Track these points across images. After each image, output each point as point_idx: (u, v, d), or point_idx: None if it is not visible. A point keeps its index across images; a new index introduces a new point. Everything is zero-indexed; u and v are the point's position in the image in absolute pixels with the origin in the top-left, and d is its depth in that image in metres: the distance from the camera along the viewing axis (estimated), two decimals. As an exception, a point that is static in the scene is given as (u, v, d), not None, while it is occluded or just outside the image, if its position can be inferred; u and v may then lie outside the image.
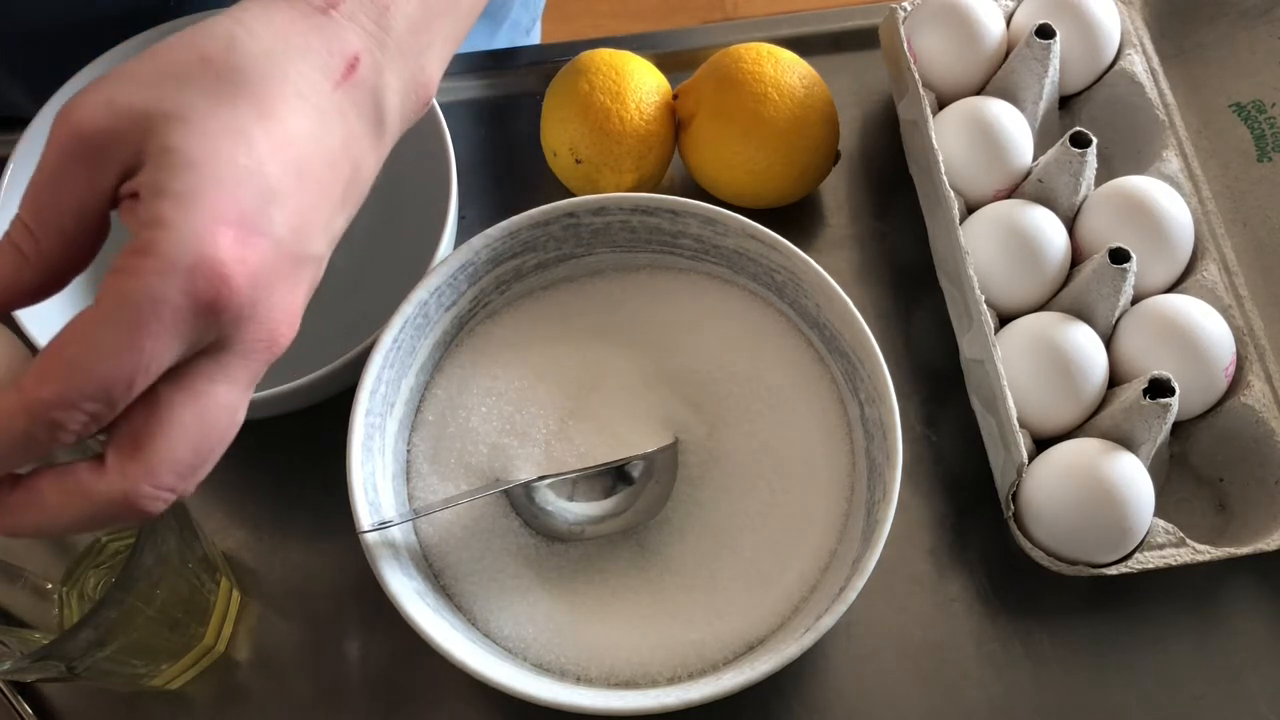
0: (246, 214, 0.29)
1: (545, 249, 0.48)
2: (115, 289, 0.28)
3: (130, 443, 0.29)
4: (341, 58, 0.32)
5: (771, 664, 0.39)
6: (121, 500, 0.29)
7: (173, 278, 0.28)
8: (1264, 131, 0.56)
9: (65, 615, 0.46)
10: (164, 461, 0.29)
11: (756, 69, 0.53)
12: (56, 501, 0.29)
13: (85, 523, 0.29)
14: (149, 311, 0.27)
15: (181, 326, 0.28)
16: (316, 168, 0.31)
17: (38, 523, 0.29)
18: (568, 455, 0.46)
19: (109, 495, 0.29)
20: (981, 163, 0.52)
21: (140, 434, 0.29)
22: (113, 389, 0.28)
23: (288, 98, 0.31)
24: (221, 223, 0.28)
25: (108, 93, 0.29)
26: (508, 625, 0.44)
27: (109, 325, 0.27)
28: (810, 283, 0.46)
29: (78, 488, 0.29)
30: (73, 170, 0.29)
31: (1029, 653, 0.48)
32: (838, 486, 0.46)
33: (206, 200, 0.28)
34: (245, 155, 0.29)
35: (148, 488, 0.29)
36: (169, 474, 0.29)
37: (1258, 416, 0.48)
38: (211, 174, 0.29)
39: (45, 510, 0.29)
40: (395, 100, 0.34)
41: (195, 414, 0.29)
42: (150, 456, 0.29)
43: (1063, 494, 0.45)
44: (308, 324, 0.56)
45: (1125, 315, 0.50)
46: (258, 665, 0.48)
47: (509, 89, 0.61)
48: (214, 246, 0.28)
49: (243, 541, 0.50)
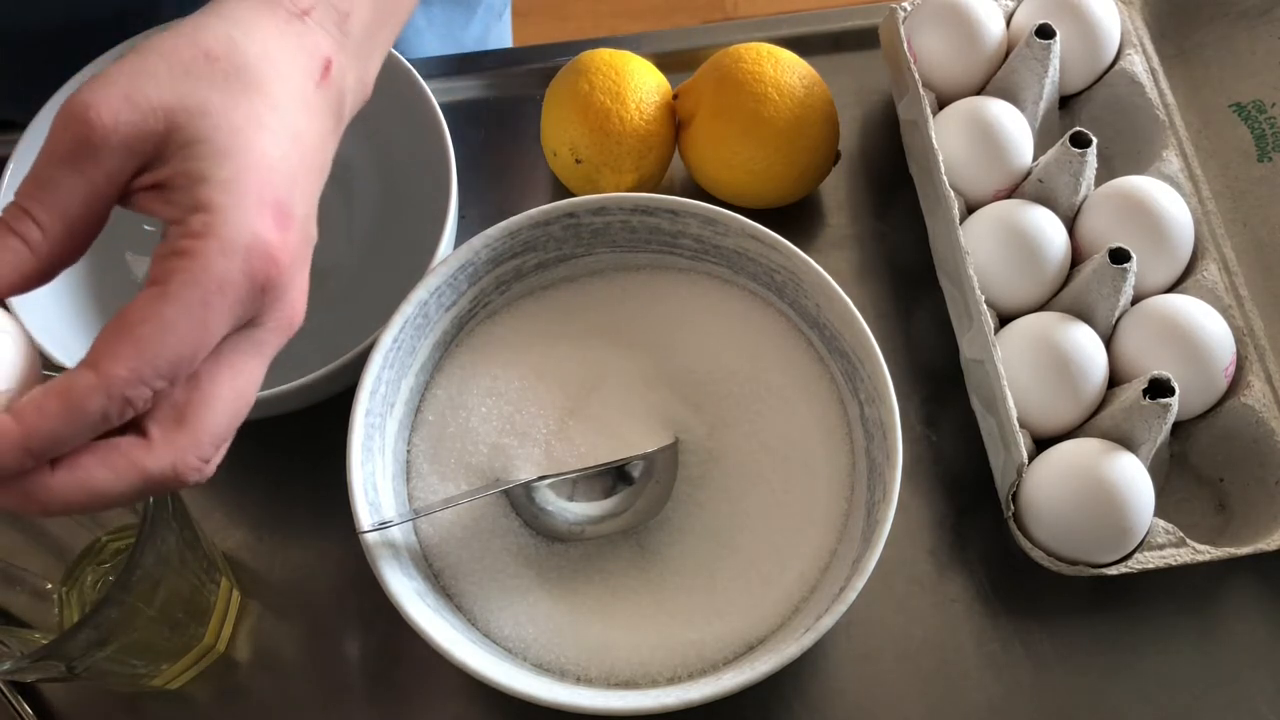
0: (281, 198, 0.31)
1: (545, 249, 0.48)
2: (181, 269, 0.29)
3: (175, 415, 0.30)
4: (319, 60, 0.34)
5: (771, 664, 0.39)
6: (170, 472, 0.30)
7: (234, 258, 0.29)
8: (1264, 131, 0.56)
9: (65, 615, 0.46)
10: (208, 433, 0.30)
11: (756, 69, 0.53)
12: (105, 478, 0.29)
13: (132, 496, 0.30)
14: (215, 290, 0.29)
15: (240, 306, 0.30)
16: (313, 159, 0.33)
17: (87, 501, 0.29)
18: (568, 455, 0.46)
19: (159, 468, 0.30)
20: (981, 163, 0.52)
21: (185, 407, 0.30)
22: (180, 365, 0.29)
23: (289, 94, 0.32)
24: (265, 205, 0.30)
25: (124, 89, 0.30)
26: (508, 625, 0.44)
27: (178, 304, 0.29)
28: (810, 283, 0.46)
29: (127, 463, 0.29)
30: (88, 163, 0.30)
31: (1029, 653, 0.48)
32: (838, 486, 0.46)
33: (250, 185, 0.30)
34: (272, 144, 0.31)
35: (194, 459, 0.30)
36: (211, 445, 0.31)
37: (1258, 416, 0.48)
38: (247, 162, 0.30)
39: (94, 488, 0.29)
40: (350, 100, 0.36)
41: (233, 388, 0.31)
42: (196, 428, 0.30)
43: (1063, 494, 0.45)
44: (308, 324, 0.56)
45: (1125, 315, 0.50)
46: (258, 665, 0.48)
47: (509, 89, 0.61)
48: (265, 228, 0.30)
49: (243, 541, 0.50)
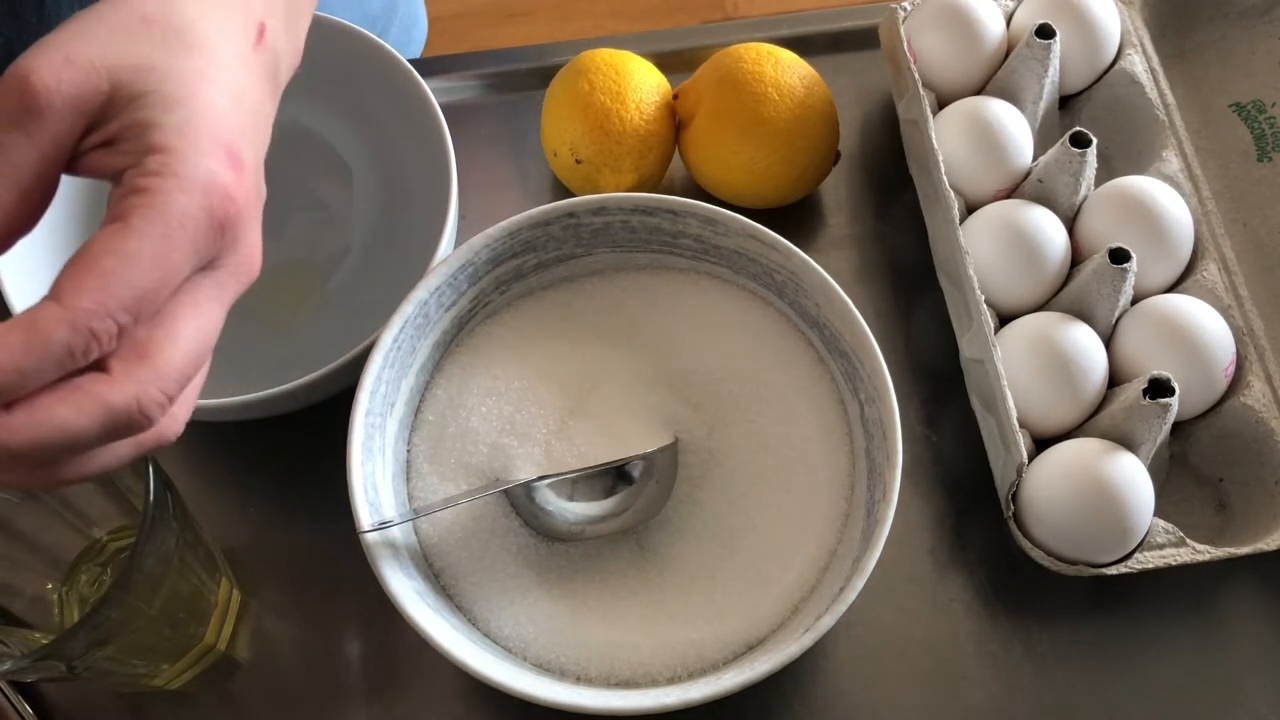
0: (232, 142, 0.31)
1: (545, 249, 0.48)
2: (141, 205, 0.29)
3: (137, 351, 0.30)
4: (254, 23, 0.34)
5: (771, 664, 0.39)
6: (133, 404, 0.29)
7: (193, 195, 0.29)
8: (1264, 131, 0.56)
9: (65, 615, 0.46)
10: (171, 366, 0.30)
11: (756, 69, 0.53)
12: (67, 415, 0.28)
13: (96, 435, 0.29)
14: (177, 225, 0.29)
15: (200, 242, 0.29)
16: (258, 119, 0.33)
17: (48, 439, 0.28)
18: (568, 455, 0.46)
19: (123, 400, 0.29)
20: (981, 163, 0.52)
21: (146, 344, 0.30)
22: (144, 301, 0.29)
23: (229, 54, 0.33)
24: (219, 147, 0.30)
25: (63, 52, 0.30)
26: (508, 625, 0.44)
27: (141, 238, 0.28)
28: (810, 283, 0.46)
29: (88, 397, 0.29)
30: (34, 127, 0.29)
31: (1029, 653, 0.48)
32: (838, 486, 0.46)
33: (202, 128, 0.30)
34: (218, 95, 0.31)
35: (156, 391, 0.30)
36: (174, 381, 0.30)
37: (1258, 416, 0.48)
38: (195, 108, 0.30)
39: (55, 425, 0.28)
40: (285, 65, 0.36)
41: (196, 326, 0.31)
42: (159, 361, 0.30)
43: (1063, 494, 0.45)
44: (308, 324, 0.56)
45: (1125, 315, 0.50)
46: (258, 665, 0.48)
47: (509, 89, 0.61)
48: (220, 168, 0.30)
49: (243, 541, 0.50)
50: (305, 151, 0.56)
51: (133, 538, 0.41)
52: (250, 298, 0.57)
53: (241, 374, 0.51)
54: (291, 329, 0.55)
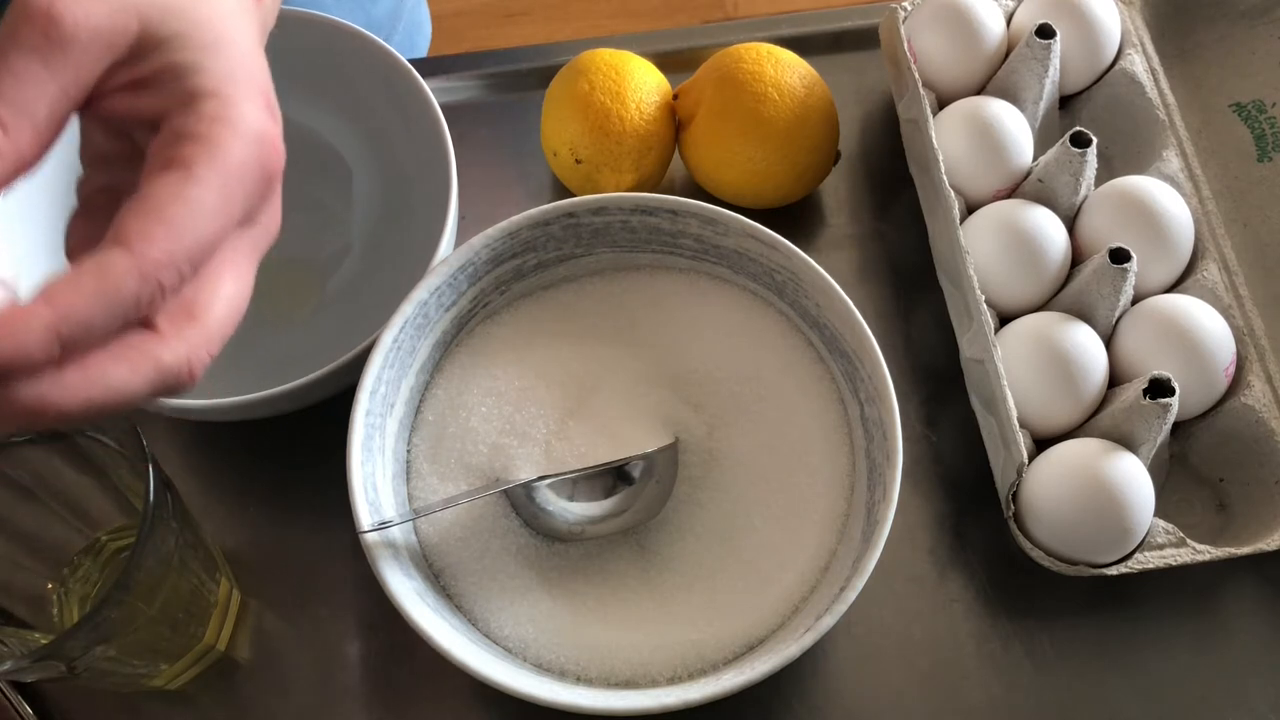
0: (269, 93, 0.30)
1: (545, 249, 0.48)
2: (202, 153, 0.28)
3: (185, 311, 0.29)
4: None
5: (771, 664, 0.39)
6: (184, 366, 0.29)
7: (249, 144, 0.28)
8: (1264, 131, 0.56)
9: (65, 615, 0.46)
10: (219, 327, 0.29)
11: (756, 69, 0.53)
12: (122, 375, 0.28)
13: (145, 395, 0.28)
14: (236, 176, 0.28)
15: (252, 195, 0.29)
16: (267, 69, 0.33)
17: (102, 400, 0.28)
18: (568, 455, 0.46)
19: (174, 361, 0.28)
20: (981, 162, 0.52)
21: (194, 303, 0.29)
22: (205, 251, 0.28)
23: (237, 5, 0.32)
24: (260, 97, 0.29)
25: None
26: (508, 625, 0.44)
27: (206, 188, 0.28)
28: (810, 283, 0.46)
29: (142, 357, 0.28)
30: (56, 59, 0.28)
31: (1029, 653, 0.48)
32: (838, 486, 0.46)
33: (245, 76, 0.29)
34: (248, 42, 0.30)
35: (205, 353, 0.29)
36: (219, 342, 0.29)
37: (1258, 416, 0.48)
38: (234, 54, 0.29)
39: (110, 386, 0.28)
40: (269, 25, 0.36)
41: (234, 286, 0.30)
42: (208, 321, 0.29)
43: (1063, 494, 0.45)
44: (308, 324, 0.56)
45: (1125, 315, 0.50)
46: (258, 665, 0.48)
47: (509, 89, 0.61)
48: (269, 119, 0.29)
49: (243, 541, 0.50)
50: (305, 151, 0.56)
51: (133, 538, 0.41)
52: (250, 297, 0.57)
53: (241, 374, 0.51)
54: (291, 329, 0.55)
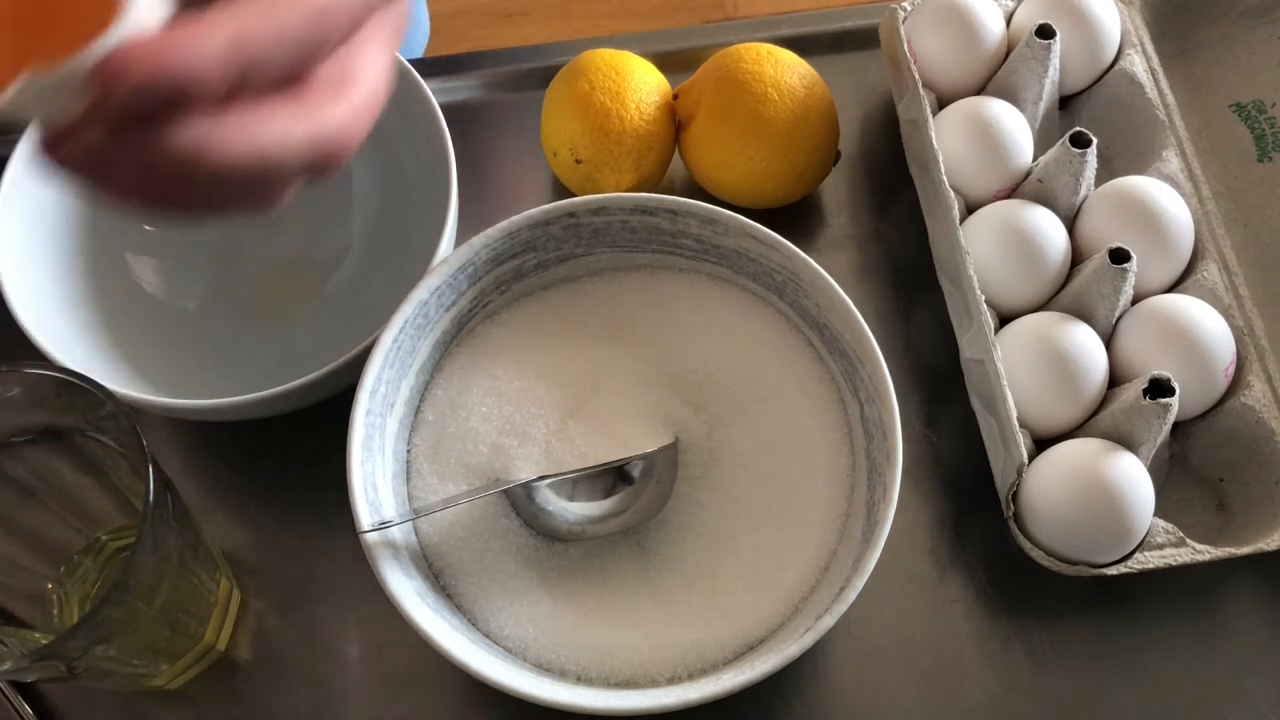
0: None
1: (545, 249, 0.48)
2: None
3: (340, 75, 0.28)
4: None
5: (771, 664, 0.39)
6: (337, 133, 0.28)
7: None
8: (1264, 131, 0.56)
9: (65, 615, 0.46)
10: (372, 97, 0.29)
11: (756, 69, 0.53)
12: (278, 130, 0.27)
13: (295, 161, 0.27)
14: None
15: None
16: None
17: (255, 158, 0.26)
18: (568, 455, 0.46)
19: (333, 122, 0.28)
20: (981, 163, 0.52)
21: (348, 68, 0.28)
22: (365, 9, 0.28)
23: None
24: None
25: None
26: (508, 625, 0.44)
27: None
28: (810, 283, 0.46)
29: (303, 113, 0.27)
30: None
31: (1029, 653, 0.48)
32: (838, 486, 0.46)
33: None
34: None
35: (356, 126, 0.29)
36: (368, 114, 0.29)
37: (1258, 416, 0.48)
38: None
39: (266, 140, 0.26)
40: None
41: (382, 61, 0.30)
42: (362, 89, 0.29)
43: (1063, 494, 0.45)
44: (308, 324, 0.56)
45: (1125, 315, 0.50)
46: (258, 665, 0.48)
47: (509, 89, 0.61)
48: None
49: (243, 541, 0.50)
50: (305, 151, 0.56)
51: (133, 538, 0.41)
52: (250, 298, 0.58)
53: (241, 374, 0.51)
54: (291, 329, 0.55)
